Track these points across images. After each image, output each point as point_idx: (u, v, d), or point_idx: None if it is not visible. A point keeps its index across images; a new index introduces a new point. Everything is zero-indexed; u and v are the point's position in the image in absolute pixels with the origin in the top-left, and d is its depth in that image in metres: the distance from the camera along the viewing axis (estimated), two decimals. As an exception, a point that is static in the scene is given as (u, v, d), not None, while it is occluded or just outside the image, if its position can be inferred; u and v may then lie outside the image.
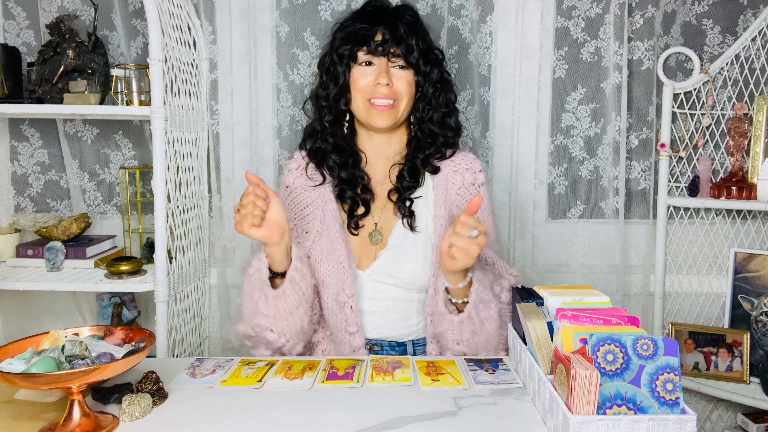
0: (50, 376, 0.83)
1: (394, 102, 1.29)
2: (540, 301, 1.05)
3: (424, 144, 1.35)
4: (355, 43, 1.30)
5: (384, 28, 1.29)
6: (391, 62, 1.30)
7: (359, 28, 1.31)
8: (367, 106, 1.30)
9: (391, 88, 1.28)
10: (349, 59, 1.32)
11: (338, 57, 1.32)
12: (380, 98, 1.28)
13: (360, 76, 1.30)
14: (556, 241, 1.82)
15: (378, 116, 1.30)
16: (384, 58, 1.29)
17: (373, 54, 1.29)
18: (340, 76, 1.32)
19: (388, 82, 1.28)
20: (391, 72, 1.29)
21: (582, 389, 0.79)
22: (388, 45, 1.28)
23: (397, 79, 1.29)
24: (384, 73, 1.28)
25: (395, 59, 1.30)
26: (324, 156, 1.36)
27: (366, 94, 1.30)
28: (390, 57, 1.29)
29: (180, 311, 1.62)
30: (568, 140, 1.80)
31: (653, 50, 1.72)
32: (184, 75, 1.62)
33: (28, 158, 1.87)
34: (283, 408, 0.96)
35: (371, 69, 1.30)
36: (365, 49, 1.29)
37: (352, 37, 1.31)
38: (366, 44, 1.29)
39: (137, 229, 1.80)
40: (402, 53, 1.29)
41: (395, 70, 1.30)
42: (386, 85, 1.28)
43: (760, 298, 1.64)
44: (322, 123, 1.36)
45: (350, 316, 1.27)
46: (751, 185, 1.61)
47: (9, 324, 1.89)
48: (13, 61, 1.69)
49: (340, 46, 1.32)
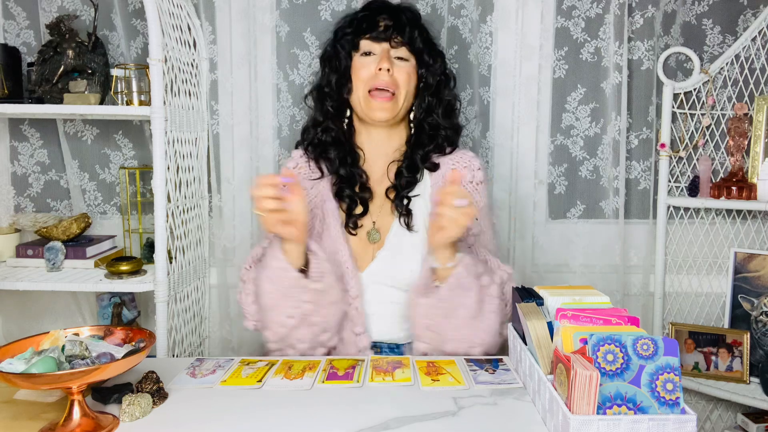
0: (50, 376, 0.83)
1: (393, 94, 1.29)
2: (540, 301, 1.05)
3: (424, 140, 1.35)
4: (358, 31, 1.31)
5: (387, 17, 1.30)
6: (393, 50, 1.30)
7: (362, 15, 1.32)
8: (367, 97, 1.30)
9: (392, 76, 1.28)
10: (351, 47, 1.32)
11: (340, 46, 1.33)
12: (381, 85, 1.28)
13: (361, 66, 1.30)
14: (556, 241, 1.82)
15: (378, 108, 1.29)
16: (386, 44, 1.29)
17: (375, 40, 1.29)
18: (342, 62, 1.33)
19: (389, 67, 1.27)
20: (393, 62, 1.29)
21: (582, 389, 0.79)
22: (390, 31, 1.28)
23: (397, 70, 1.29)
24: (385, 59, 1.28)
25: (397, 47, 1.30)
26: (324, 149, 1.36)
27: (367, 84, 1.29)
28: (392, 43, 1.29)
29: (180, 311, 1.62)
30: (568, 140, 1.80)
31: (653, 50, 1.72)
32: (184, 75, 1.62)
33: (28, 158, 1.87)
34: (283, 408, 0.96)
35: (373, 58, 1.30)
36: (367, 36, 1.30)
37: (354, 24, 1.32)
38: (368, 32, 1.29)
39: (137, 229, 1.80)
40: (405, 41, 1.29)
41: (397, 61, 1.30)
42: (387, 71, 1.27)
43: (760, 298, 1.64)
44: (324, 110, 1.36)
45: (356, 317, 1.26)
46: (751, 185, 1.61)
47: (9, 324, 1.89)
48: (13, 61, 1.69)
49: (343, 35, 1.33)
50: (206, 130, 1.76)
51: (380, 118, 1.30)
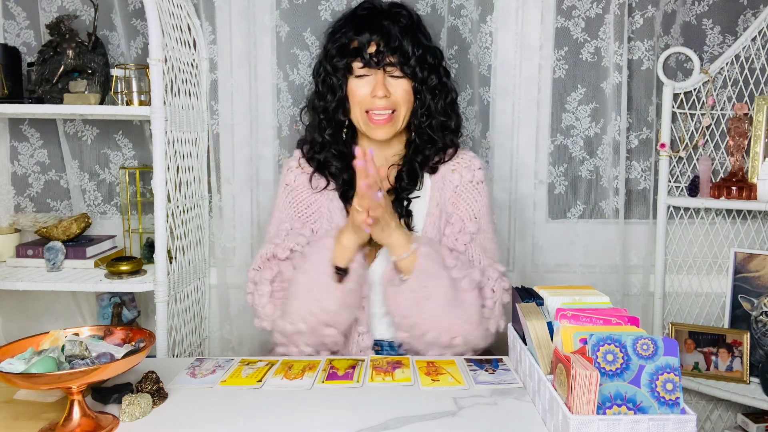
0: (50, 376, 0.83)
1: (393, 112, 1.29)
2: (540, 301, 1.06)
3: (423, 145, 1.35)
4: (349, 56, 1.29)
5: (378, 36, 1.27)
6: (387, 72, 1.29)
7: (351, 36, 1.29)
8: (366, 119, 1.30)
9: (388, 98, 1.28)
10: (345, 71, 1.30)
11: (333, 69, 1.31)
12: (379, 110, 1.28)
13: (357, 88, 1.30)
14: (556, 241, 1.82)
15: (377, 130, 1.30)
16: (380, 70, 1.28)
17: (368, 66, 1.28)
18: (337, 88, 1.32)
19: (385, 93, 1.27)
20: (388, 81, 1.28)
21: (582, 389, 0.79)
22: (382, 56, 1.26)
23: (394, 88, 1.29)
24: (380, 85, 1.27)
25: (391, 68, 1.28)
26: (326, 164, 1.36)
27: (364, 106, 1.29)
28: (385, 69, 1.28)
29: (180, 311, 1.62)
30: (568, 140, 1.80)
31: (653, 50, 1.72)
32: (184, 75, 1.62)
33: (28, 158, 1.87)
34: (283, 408, 0.97)
35: (368, 80, 1.29)
36: (360, 60, 1.28)
37: (345, 49, 1.30)
38: (360, 56, 1.27)
39: (137, 229, 1.80)
40: (397, 62, 1.27)
41: (392, 79, 1.29)
42: (383, 97, 1.27)
43: (760, 298, 1.64)
44: (323, 136, 1.36)
45: (361, 316, 1.27)
46: (751, 185, 1.61)
47: (9, 324, 1.89)
48: (13, 61, 1.69)
49: (334, 59, 1.31)
50: (206, 130, 1.76)
51: (381, 137, 1.31)
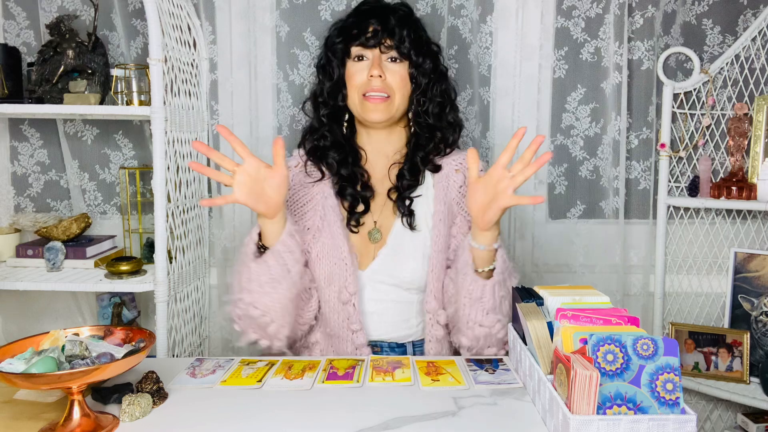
0: (50, 376, 0.83)
1: (388, 96, 1.29)
2: (540, 301, 1.05)
3: (423, 141, 1.35)
4: (348, 38, 1.31)
5: (376, 21, 1.29)
6: (384, 54, 1.30)
7: (351, 22, 1.32)
8: (362, 100, 1.30)
9: (384, 81, 1.29)
10: (343, 54, 1.32)
11: (332, 53, 1.33)
12: (374, 91, 1.28)
13: (354, 72, 1.31)
14: (556, 241, 1.82)
15: (372, 109, 1.29)
16: (376, 50, 1.29)
17: (365, 46, 1.29)
18: (334, 71, 1.33)
19: (380, 73, 1.28)
20: (385, 65, 1.30)
21: (582, 389, 0.79)
22: (379, 36, 1.28)
23: (390, 73, 1.30)
24: (376, 65, 1.28)
25: (387, 51, 1.30)
26: (323, 153, 1.36)
27: (361, 89, 1.30)
28: (382, 48, 1.29)
29: (180, 311, 1.62)
30: (568, 140, 1.80)
31: (653, 50, 1.72)
32: (184, 75, 1.62)
33: (28, 158, 1.87)
34: (283, 408, 0.96)
35: (365, 64, 1.31)
36: (357, 43, 1.30)
37: (344, 31, 1.32)
38: (358, 38, 1.30)
39: (137, 229, 1.80)
40: (394, 44, 1.29)
41: (389, 64, 1.30)
42: (379, 77, 1.28)
43: (760, 298, 1.64)
44: (320, 119, 1.37)
45: (353, 314, 1.27)
46: (751, 185, 1.61)
47: (9, 324, 1.89)
48: (13, 61, 1.69)
49: (334, 43, 1.33)
50: (206, 130, 1.76)
51: (375, 119, 1.30)
